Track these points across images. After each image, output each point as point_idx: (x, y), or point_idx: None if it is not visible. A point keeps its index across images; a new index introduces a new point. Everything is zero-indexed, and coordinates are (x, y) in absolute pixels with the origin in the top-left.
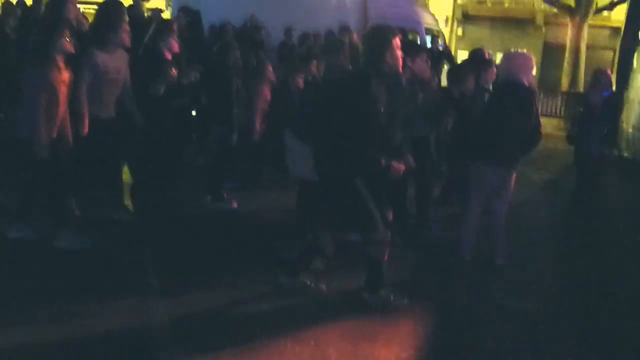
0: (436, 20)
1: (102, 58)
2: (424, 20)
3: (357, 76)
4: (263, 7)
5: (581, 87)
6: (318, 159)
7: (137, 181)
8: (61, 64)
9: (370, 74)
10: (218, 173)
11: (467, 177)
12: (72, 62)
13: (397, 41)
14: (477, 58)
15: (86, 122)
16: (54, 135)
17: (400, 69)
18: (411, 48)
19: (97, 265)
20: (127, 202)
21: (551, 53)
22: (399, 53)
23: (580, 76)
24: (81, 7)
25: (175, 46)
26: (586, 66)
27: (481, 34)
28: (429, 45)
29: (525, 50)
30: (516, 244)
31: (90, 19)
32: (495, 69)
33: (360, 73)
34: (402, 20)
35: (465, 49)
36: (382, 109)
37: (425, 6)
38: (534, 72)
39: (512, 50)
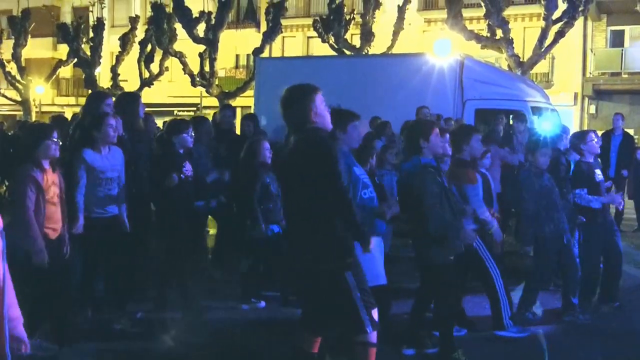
0: (547, 97)
1: (93, 157)
2: (530, 98)
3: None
4: (363, 100)
5: None
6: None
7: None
8: (47, 167)
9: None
10: (253, 276)
11: None
12: (64, 165)
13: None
14: None
15: (80, 222)
16: (50, 237)
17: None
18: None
19: None
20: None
21: None
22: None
23: None
24: (175, 109)
25: (189, 141)
26: None
27: (618, 111)
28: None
29: None
30: None
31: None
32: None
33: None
34: (504, 99)
35: (600, 129)
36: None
37: (533, 81)
38: None
39: None
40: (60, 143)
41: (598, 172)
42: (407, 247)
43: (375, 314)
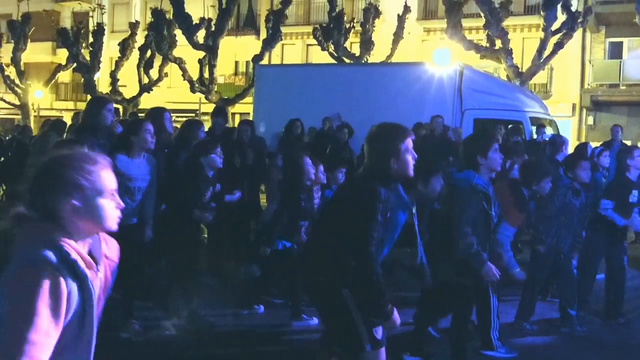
0: (545, 107)
1: (125, 163)
2: (529, 108)
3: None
4: (361, 108)
5: None
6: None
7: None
8: None
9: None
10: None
11: None
12: None
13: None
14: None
15: None
16: None
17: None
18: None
19: None
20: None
21: None
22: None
23: None
24: (174, 115)
25: (218, 162)
26: None
27: (616, 122)
28: (534, 136)
29: None
30: None
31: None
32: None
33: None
34: (502, 110)
35: (598, 140)
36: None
37: (532, 92)
38: None
39: None
40: None
41: (635, 192)
42: (404, 255)
43: (378, 332)
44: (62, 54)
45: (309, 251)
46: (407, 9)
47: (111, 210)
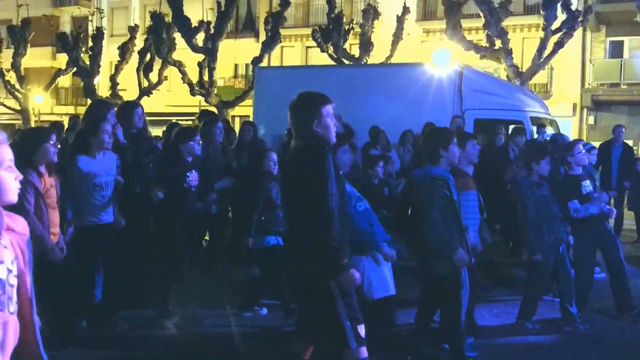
0: (546, 107)
1: (87, 163)
2: (529, 108)
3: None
4: (361, 110)
5: None
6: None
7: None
8: (44, 171)
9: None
10: (255, 283)
11: None
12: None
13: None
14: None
15: (69, 230)
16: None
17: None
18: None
19: None
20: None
21: None
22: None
23: None
24: (174, 118)
25: (196, 149)
26: None
27: (617, 122)
28: (535, 135)
29: None
30: None
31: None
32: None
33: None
34: (503, 109)
35: (599, 140)
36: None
37: (532, 92)
38: None
39: None
40: (59, 146)
41: (587, 183)
42: (407, 257)
43: (361, 329)
44: (62, 59)
45: (287, 244)
46: (406, 10)
47: (12, 182)
